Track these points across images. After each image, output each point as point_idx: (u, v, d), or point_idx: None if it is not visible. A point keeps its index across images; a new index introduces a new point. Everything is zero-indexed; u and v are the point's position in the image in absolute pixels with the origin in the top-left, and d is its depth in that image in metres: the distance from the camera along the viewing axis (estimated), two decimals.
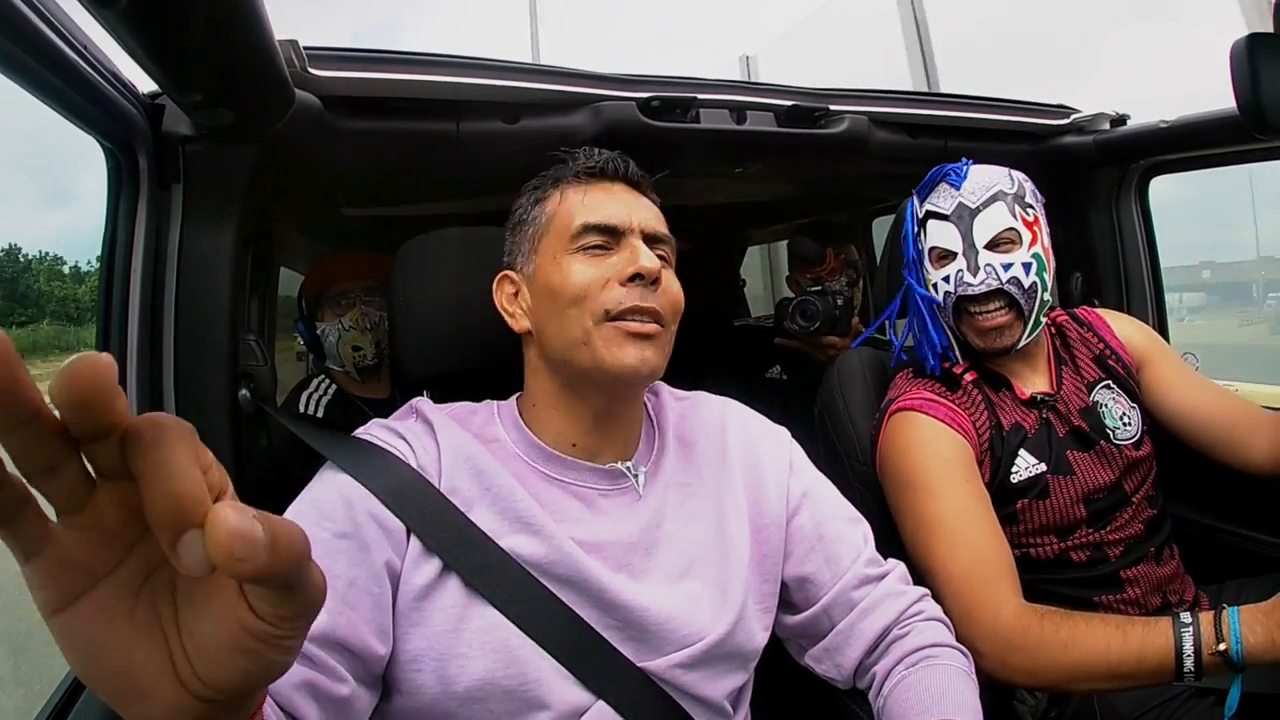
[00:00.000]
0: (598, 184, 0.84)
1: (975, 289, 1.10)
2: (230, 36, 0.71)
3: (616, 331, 0.76)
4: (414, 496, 0.72)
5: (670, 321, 0.80)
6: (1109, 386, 1.21)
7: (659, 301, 0.78)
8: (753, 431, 0.92)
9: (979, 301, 1.11)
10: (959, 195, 1.12)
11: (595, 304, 0.76)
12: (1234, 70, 0.99)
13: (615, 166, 0.85)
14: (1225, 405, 1.18)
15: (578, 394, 0.80)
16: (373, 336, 1.64)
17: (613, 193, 0.83)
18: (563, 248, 0.80)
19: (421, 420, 0.81)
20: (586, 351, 0.76)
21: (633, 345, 0.76)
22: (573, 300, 0.77)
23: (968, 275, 1.10)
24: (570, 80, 1.15)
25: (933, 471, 1.05)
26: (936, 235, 1.13)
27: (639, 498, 0.81)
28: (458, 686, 0.69)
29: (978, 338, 1.13)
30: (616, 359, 0.75)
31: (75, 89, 0.76)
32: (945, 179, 1.15)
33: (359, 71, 1.01)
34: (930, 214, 1.15)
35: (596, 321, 0.76)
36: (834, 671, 0.88)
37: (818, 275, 1.90)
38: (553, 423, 0.81)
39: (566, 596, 0.73)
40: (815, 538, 0.87)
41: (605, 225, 0.80)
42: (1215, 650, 0.83)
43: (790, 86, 1.30)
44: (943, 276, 1.13)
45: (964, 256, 1.11)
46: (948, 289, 1.12)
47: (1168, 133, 1.40)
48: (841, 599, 0.86)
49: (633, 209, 0.82)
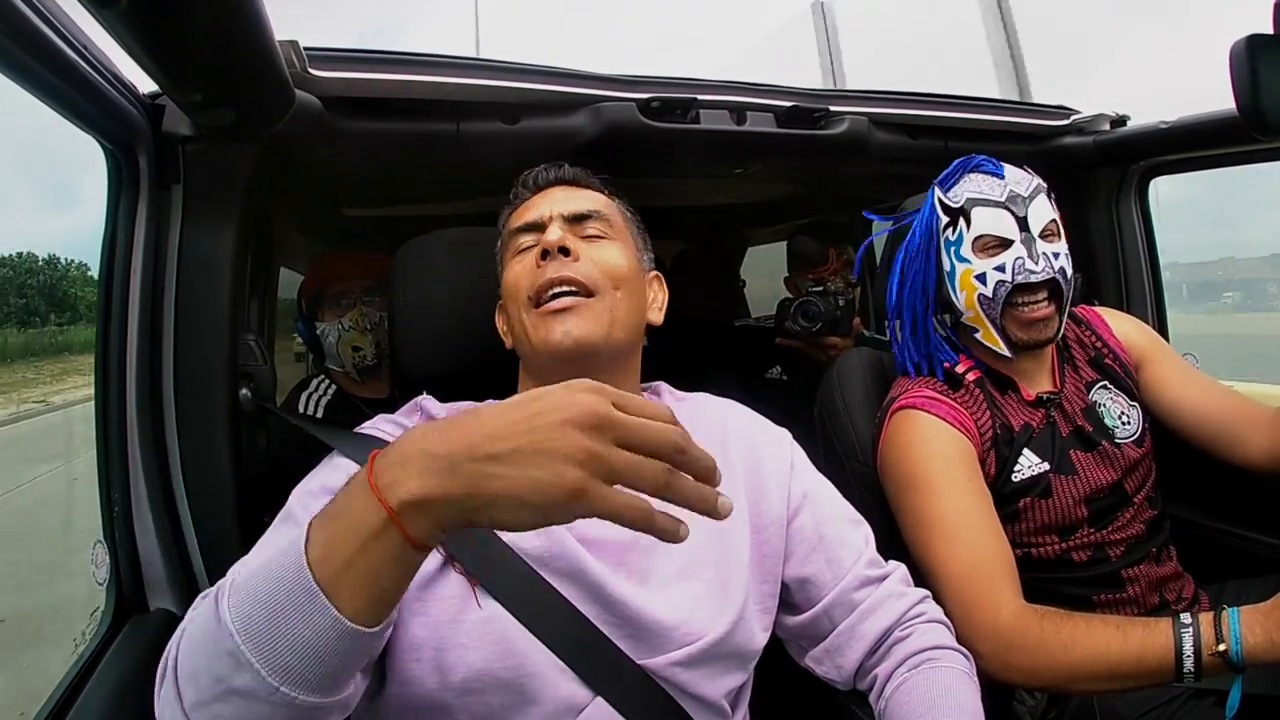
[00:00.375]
0: (536, 194, 0.91)
1: (1037, 275, 1.08)
2: (230, 37, 0.71)
3: (542, 316, 0.80)
4: None
5: (606, 289, 0.82)
6: (1106, 386, 1.21)
7: (579, 270, 0.81)
8: (754, 433, 0.92)
9: (1029, 291, 1.09)
10: (1008, 184, 1.11)
11: (522, 292, 0.83)
12: (1233, 71, 0.99)
13: (546, 174, 0.92)
14: (1224, 402, 1.18)
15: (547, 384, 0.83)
16: (372, 337, 1.64)
17: (547, 195, 0.90)
18: (508, 258, 0.88)
19: (426, 416, 0.83)
20: (527, 342, 0.82)
21: (555, 321, 0.80)
22: (512, 296, 0.84)
23: (1029, 263, 1.08)
24: (570, 81, 1.15)
25: (934, 470, 1.05)
26: (987, 222, 1.10)
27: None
28: (454, 677, 0.69)
29: (1021, 330, 1.11)
30: (543, 339, 0.80)
31: (75, 89, 0.76)
32: (979, 169, 1.13)
33: (359, 72, 1.01)
34: (976, 201, 1.11)
35: (526, 310, 0.82)
36: (834, 673, 0.88)
37: (820, 275, 1.90)
38: None
39: (567, 592, 0.74)
40: (816, 539, 0.87)
41: (528, 223, 0.87)
42: (1215, 651, 0.83)
43: (790, 87, 1.30)
44: (995, 265, 1.09)
45: (1022, 244, 1.09)
46: (1002, 278, 1.09)
47: (1167, 133, 1.40)
48: (842, 600, 0.86)
49: (556, 203, 0.88)
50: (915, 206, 1.24)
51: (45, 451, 2.85)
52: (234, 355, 1.01)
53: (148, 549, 0.91)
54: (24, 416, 2.73)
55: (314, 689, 0.50)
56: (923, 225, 1.17)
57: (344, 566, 0.48)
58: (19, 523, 2.67)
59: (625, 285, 0.84)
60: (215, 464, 0.96)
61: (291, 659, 0.49)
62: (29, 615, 2.24)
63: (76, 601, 1.23)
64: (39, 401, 2.69)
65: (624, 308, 0.83)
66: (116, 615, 0.92)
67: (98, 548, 0.94)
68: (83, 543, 0.93)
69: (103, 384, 0.94)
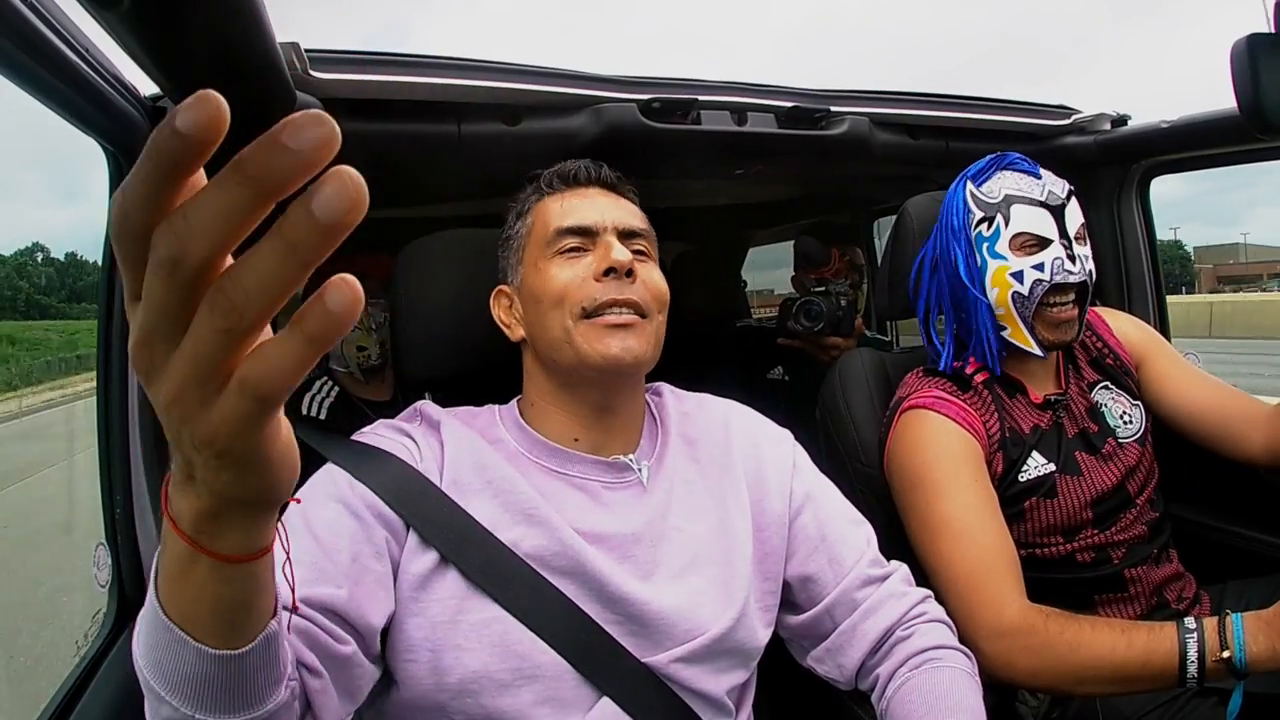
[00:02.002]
0: (573, 190, 0.87)
1: (1075, 277, 1.08)
2: (231, 39, 0.71)
3: (594, 327, 0.79)
4: (414, 494, 0.73)
5: (654, 312, 0.82)
6: (1107, 387, 1.21)
7: (637, 293, 0.80)
8: (756, 433, 0.92)
9: (1062, 292, 1.10)
10: (1045, 184, 1.11)
11: (573, 302, 0.80)
12: (1234, 70, 0.99)
13: (588, 172, 0.88)
14: (1224, 399, 1.18)
15: (574, 390, 0.83)
16: (377, 336, 1.65)
17: (588, 197, 0.86)
18: (543, 254, 0.84)
19: (426, 421, 0.83)
20: (569, 350, 0.79)
21: (613, 336, 0.78)
22: (554, 301, 0.81)
23: (1068, 264, 1.08)
24: (571, 82, 1.15)
25: (942, 470, 1.05)
26: (1027, 221, 1.09)
27: (644, 491, 0.82)
28: (450, 678, 0.69)
29: (1049, 330, 1.11)
30: (598, 351, 0.78)
31: (76, 91, 0.76)
32: (1014, 166, 1.12)
33: (360, 74, 1.01)
34: (1016, 199, 1.10)
35: (575, 320, 0.79)
36: (836, 672, 0.88)
37: (822, 276, 1.90)
38: (554, 419, 0.83)
39: (569, 589, 0.74)
40: (818, 538, 0.87)
41: (579, 227, 0.83)
42: (1219, 657, 0.83)
43: (791, 87, 1.30)
44: (1034, 264, 1.09)
45: (1060, 244, 1.09)
46: (1039, 276, 1.09)
47: (1168, 133, 1.40)
48: (844, 599, 0.86)
49: (606, 209, 0.85)
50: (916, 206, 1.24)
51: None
52: None
53: (150, 550, 0.91)
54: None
55: (231, 709, 0.48)
56: (958, 218, 1.15)
57: (185, 599, 0.43)
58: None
59: (664, 308, 0.85)
60: None
61: (191, 689, 0.46)
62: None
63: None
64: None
65: (662, 330, 0.84)
66: (119, 617, 0.93)
67: (100, 550, 0.94)
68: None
69: (104, 386, 0.94)
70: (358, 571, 0.67)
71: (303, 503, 0.72)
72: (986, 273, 1.12)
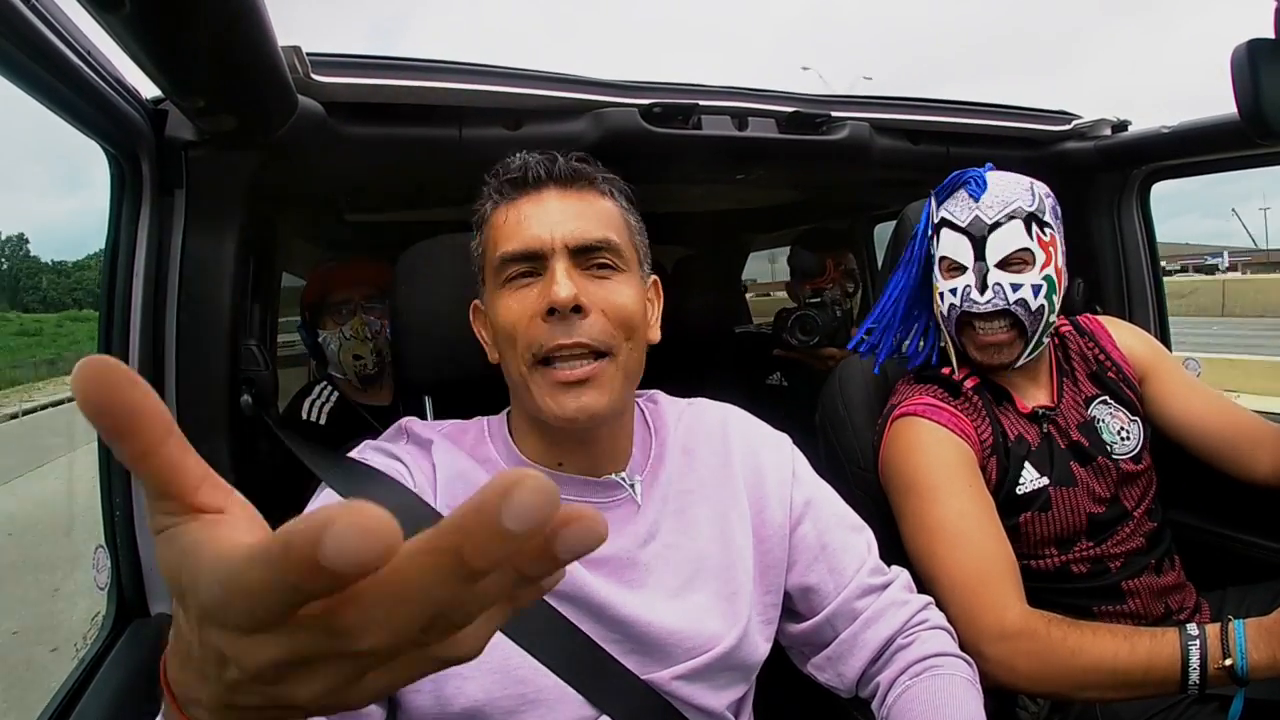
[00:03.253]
0: (525, 196, 0.76)
1: (980, 308, 1.08)
2: (233, 42, 0.71)
3: (547, 378, 0.71)
4: (411, 521, 0.71)
5: (620, 342, 0.73)
6: (1105, 401, 1.20)
7: (589, 333, 0.71)
8: (754, 439, 0.90)
9: (983, 318, 1.10)
10: (976, 208, 1.09)
11: (523, 346, 0.72)
12: (1235, 76, 0.99)
13: (538, 171, 0.76)
14: (1229, 417, 1.18)
15: (546, 423, 0.76)
16: (374, 345, 1.64)
17: (540, 203, 0.75)
18: (495, 282, 0.75)
19: (413, 441, 0.79)
20: (528, 396, 0.73)
21: (567, 395, 0.71)
22: (508, 340, 0.73)
23: (975, 293, 1.08)
24: (572, 86, 1.16)
25: (936, 475, 1.04)
26: (948, 246, 1.11)
27: (638, 508, 0.79)
28: (454, 707, 0.68)
29: (976, 352, 1.12)
30: (552, 410, 0.71)
31: (79, 94, 0.77)
32: (965, 187, 1.11)
33: (361, 78, 1.02)
34: (945, 222, 1.12)
35: (530, 365, 0.72)
36: (836, 680, 0.87)
37: (817, 286, 1.90)
38: (537, 443, 0.79)
39: (568, 612, 0.72)
40: (819, 547, 0.86)
41: (522, 253, 0.73)
42: (1221, 665, 0.83)
43: (792, 92, 1.31)
44: (950, 289, 1.11)
45: (973, 273, 1.09)
46: (953, 301, 1.11)
47: (1169, 138, 1.40)
48: (845, 609, 0.85)
49: (557, 221, 0.73)
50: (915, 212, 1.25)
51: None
52: (236, 361, 1.01)
53: (149, 553, 0.91)
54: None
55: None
56: (919, 234, 1.18)
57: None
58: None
59: (635, 332, 0.75)
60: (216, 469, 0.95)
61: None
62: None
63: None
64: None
65: (634, 358, 0.76)
66: (118, 619, 0.92)
67: (99, 552, 0.94)
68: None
69: None
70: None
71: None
72: (935, 288, 1.16)
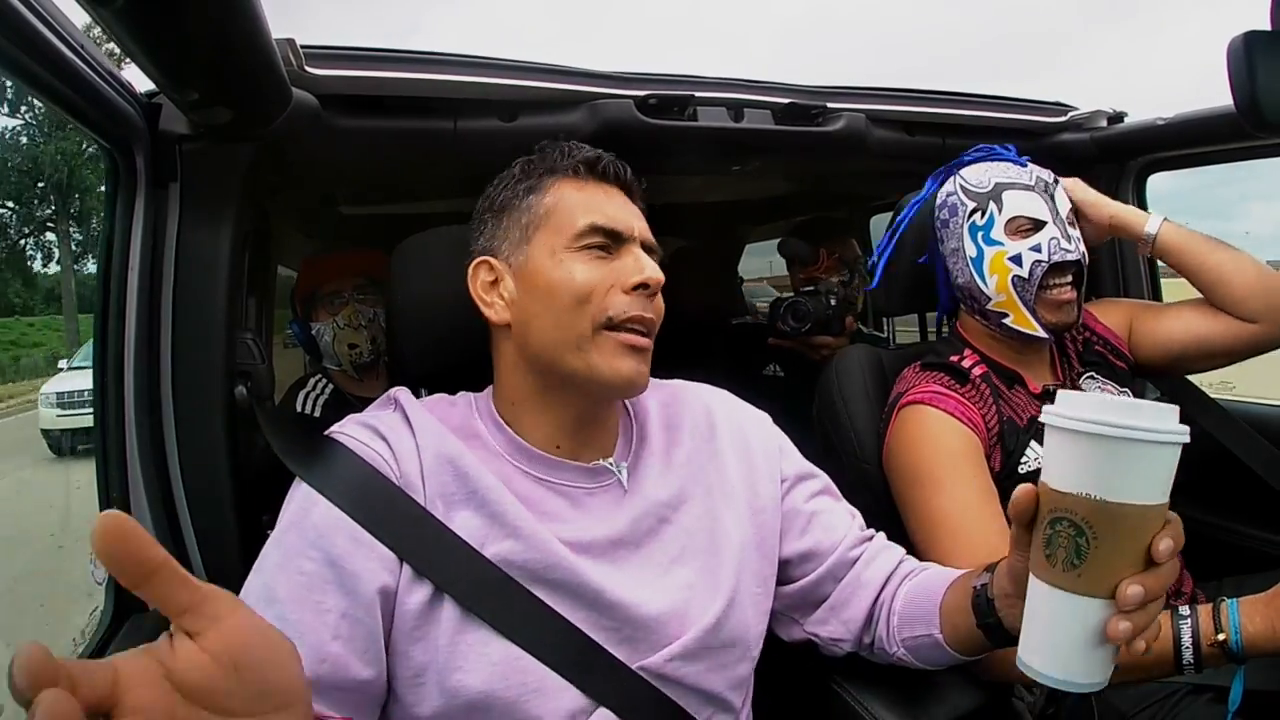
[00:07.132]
0: (596, 183, 0.81)
1: (1071, 255, 1.10)
2: (227, 35, 0.71)
3: (614, 342, 0.75)
4: (399, 521, 0.70)
5: (654, 333, 0.80)
6: (1093, 376, 1.22)
7: (657, 312, 0.79)
8: (739, 416, 0.92)
9: (1059, 272, 1.11)
10: (1033, 170, 1.14)
11: (598, 309, 0.75)
12: (1231, 67, 0.99)
13: (615, 169, 0.82)
14: (1202, 304, 1.20)
15: (559, 396, 0.79)
16: (368, 333, 1.64)
17: (611, 197, 0.81)
18: (563, 244, 0.77)
19: (399, 412, 0.79)
20: (580, 357, 0.75)
21: (631, 358, 0.76)
22: (576, 301, 0.75)
23: (1064, 242, 1.11)
24: (567, 78, 1.15)
25: (941, 465, 1.05)
26: (1020, 205, 1.12)
27: (624, 492, 0.80)
28: (458, 700, 0.68)
29: (1050, 312, 1.13)
30: (614, 370, 0.75)
31: (73, 88, 0.76)
32: (1000, 158, 1.16)
33: (356, 70, 1.01)
34: (1007, 185, 1.13)
35: (596, 328, 0.75)
36: (841, 630, 0.88)
37: (811, 275, 1.90)
38: (536, 424, 0.80)
39: (560, 602, 0.72)
40: (810, 513, 0.89)
41: (611, 229, 0.78)
42: (1214, 641, 0.82)
43: (787, 84, 1.30)
44: (1031, 246, 1.11)
45: (1054, 225, 1.11)
46: (1039, 257, 1.10)
47: (1165, 130, 1.40)
48: (843, 558, 0.88)
49: (633, 216, 0.81)
50: None
51: None
52: (231, 353, 1.01)
53: None
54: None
55: None
56: (949, 210, 1.18)
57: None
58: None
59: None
60: (213, 462, 0.96)
61: None
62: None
63: None
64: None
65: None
66: (116, 614, 0.93)
67: None
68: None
69: (101, 382, 0.94)
70: (348, 628, 0.66)
71: (285, 556, 0.68)
72: (984, 261, 1.13)
